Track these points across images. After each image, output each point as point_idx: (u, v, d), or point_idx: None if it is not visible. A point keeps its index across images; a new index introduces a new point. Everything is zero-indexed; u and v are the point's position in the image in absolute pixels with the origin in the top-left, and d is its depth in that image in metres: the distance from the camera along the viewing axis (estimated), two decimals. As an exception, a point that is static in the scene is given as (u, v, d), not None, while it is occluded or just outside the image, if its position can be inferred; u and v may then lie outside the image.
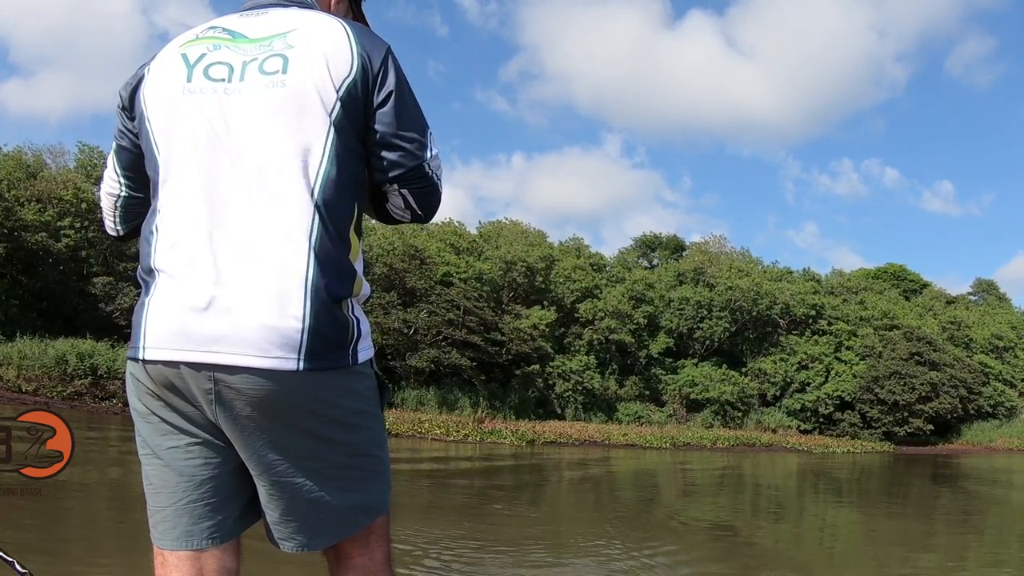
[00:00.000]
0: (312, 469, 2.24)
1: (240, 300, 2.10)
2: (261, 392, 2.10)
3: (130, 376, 2.30)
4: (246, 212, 2.16)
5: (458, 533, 11.23)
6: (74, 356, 30.13)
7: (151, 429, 2.30)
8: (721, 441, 45.96)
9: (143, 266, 2.27)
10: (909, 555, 12.86)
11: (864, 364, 55.72)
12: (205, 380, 2.11)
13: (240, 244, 2.14)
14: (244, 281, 2.11)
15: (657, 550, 11.41)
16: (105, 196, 2.59)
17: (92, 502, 11.23)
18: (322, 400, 2.19)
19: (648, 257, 76.66)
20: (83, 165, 45.72)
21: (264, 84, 2.24)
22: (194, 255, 2.15)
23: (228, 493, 2.33)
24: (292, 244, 2.13)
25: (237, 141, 2.21)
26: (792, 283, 62.21)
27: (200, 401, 2.16)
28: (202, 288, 2.11)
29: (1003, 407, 60.40)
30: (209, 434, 2.25)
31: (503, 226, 61.17)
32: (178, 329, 2.13)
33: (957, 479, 33.28)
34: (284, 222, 2.15)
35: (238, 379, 2.09)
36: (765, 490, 25.66)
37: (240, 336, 2.08)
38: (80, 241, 38.52)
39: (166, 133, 2.28)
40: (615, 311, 51.76)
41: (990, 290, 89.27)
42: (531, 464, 27.16)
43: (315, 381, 2.15)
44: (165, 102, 2.30)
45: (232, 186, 2.18)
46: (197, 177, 2.21)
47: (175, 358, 2.13)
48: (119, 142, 2.48)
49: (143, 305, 2.22)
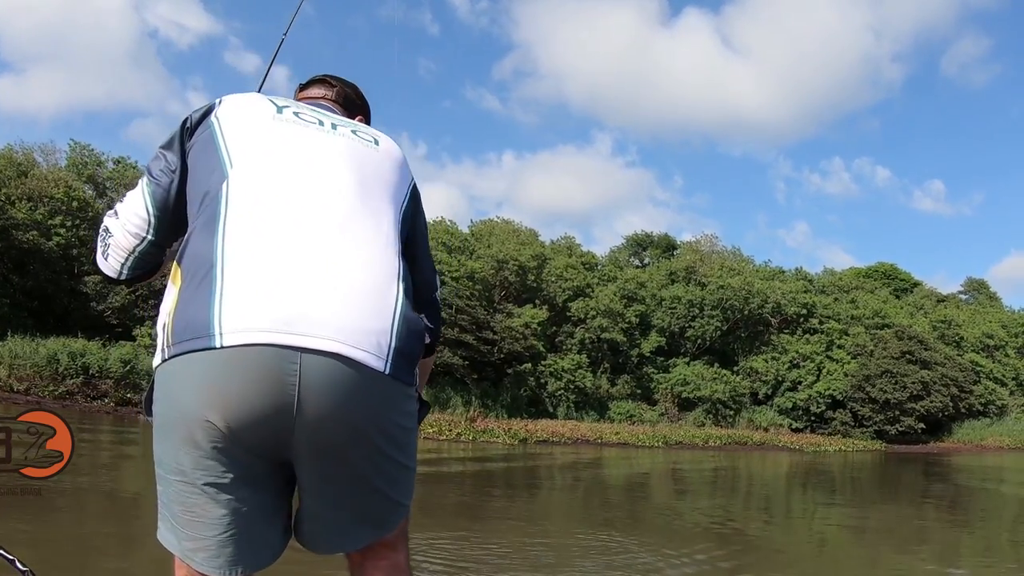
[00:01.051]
0: (365, 477, 2.28)
1: (337, 300, 2.16)
2: (348, 385, 2.12)
3: (181, 382, 2.14)
4: (345, 228, 2.30)
5: (455, 533, 11.21)
6: (65, 355, 30.02)
7: (194, 459, 2.17)
8: (713, 440, 46.03)
9: (200, 258, 2.20)
10: (900, 553, 12.87)
11: (855, 363, 55.91)
12: (290, 366, 2.06)
13: (338, 254, 2.23)
14: (342, 286, 2.18)
15: (655, 550, 11.40)
16: (123, 234, 2.51)
17: (84, 502, 11.19)
18: (393, 408, 2.26)
19: (639, 256, 76.95)
20: (74, 163, 45.77)
21: (359, 140, 2.57)
22: (284, 255, 2.18)
23: (270, 521, 2.33)
24: (389, 270, 2.30)
25: (334, 167, 2.42)
26: (783, 282, 62.42)
27: (276, 402, 2.08)
28: (296, 284, 2.15)
29: (994, 406, 60.63)
30: (262, 456, 2.21)
31: (495, 225, 61.28)
32: (266, 316, 2.10)
33: (948, 477, 33.33)
34: (383, 250, 2.33)
35: (329, 367, 2.09)
36: (758, 489, 25.68)
37: (336, 327, 2.12)
38: (71, 240, 38.56)
39: (245, 147, 2.38)
40: (607, 310, 51.88)
41: (981, 289, 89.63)
42: (524, 464, 27.14)
43: (392, 389, 2.23)
44: (249, 123, 2.45)
45: (327, 203, 2.32)
46: (284, 187, 2.32)
47: (263, 340, 2.07)
48: (158, 177, 2.47)
49: (209, 294, 2.12)
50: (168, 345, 2.15)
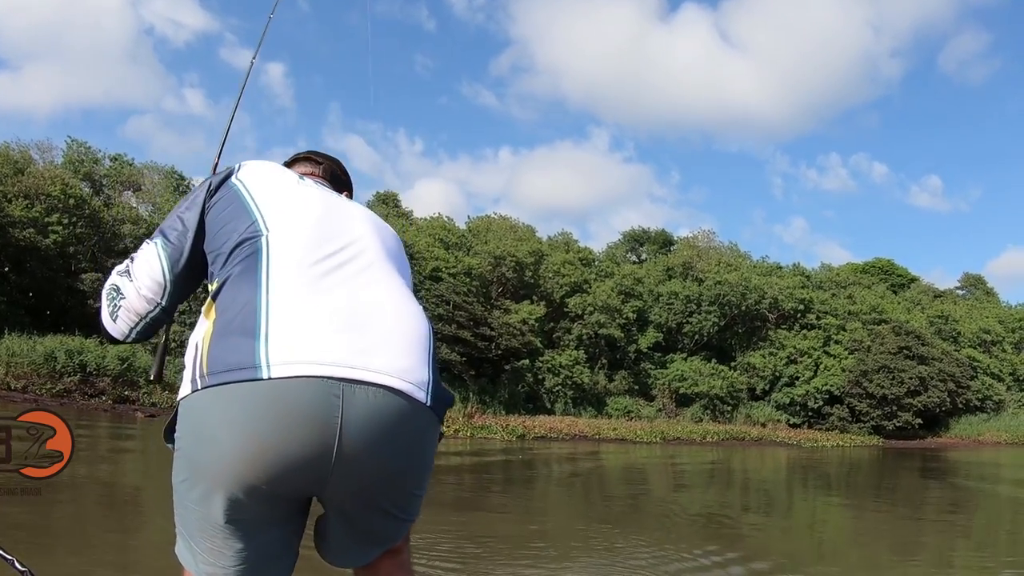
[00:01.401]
0: (386, 511, 2.35)
1: (384, 344, 2.24)
2: (391, 417, 2.17)
3: (217, 421, 2.11)
4: (384, 284, 2.43)
5: (455, 530, 11.21)
6: (63, 353, 29.96)
7: (221, 503, 2.15)
8: (711, 435, 46.10)
9: (242, 298, 2.23)
10: (897, 547, 12.89)
11: (852, 358, 55.91)
12: (334, 400, 2.09)
13: (382, 304, 2.35)
14: (388, 333, 2.28)
15: (654, 544, 11.40)
16: (138, 298, 2.52)
17: (82, 500, 11.19)
18: (429, 443, 2.36)
19: (636, 252, 76.95)
20: (71, 161, 45.76)
21: (367, 212, 2.73)
22: (329, 303, 2.25)
23: (287, 550, 2.37)
24: (425, 327, 2.42)
25: (363, 228, 2.56)
26: (781, 278, 62.38)
27: (316, 450, 2.09)
28: (343, 327, 2.21)
29: (991, 401, 60.65)
30: (291, 498, 2.25)
31: (492, 221, 61.27)
32: (315, 351, 2.13)
33: (945, 473, 33.36)
34: (417, 308, 2.45)
35: (374, 399, 2.13)
36: (755, 484, 25.69)
37: (384, 364, 2.19)
38: (68, 237, 38.48)
39: (277, 204, 2.48)
40: (604, 306, 51.83)
41: (977, 284, 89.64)
42: (523, 459, 27.13)
43: (430, 422, 2.32)
44: (276, 184, 2.58)
45: (364, 259, 2.45)
46: (321, 241, 2.40)
47: (314, 372, 2.09)
48: (174, 241, 2.51)
49: (254, 329, 2.15)
50: (202, 375, 2.14)
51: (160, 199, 46.88)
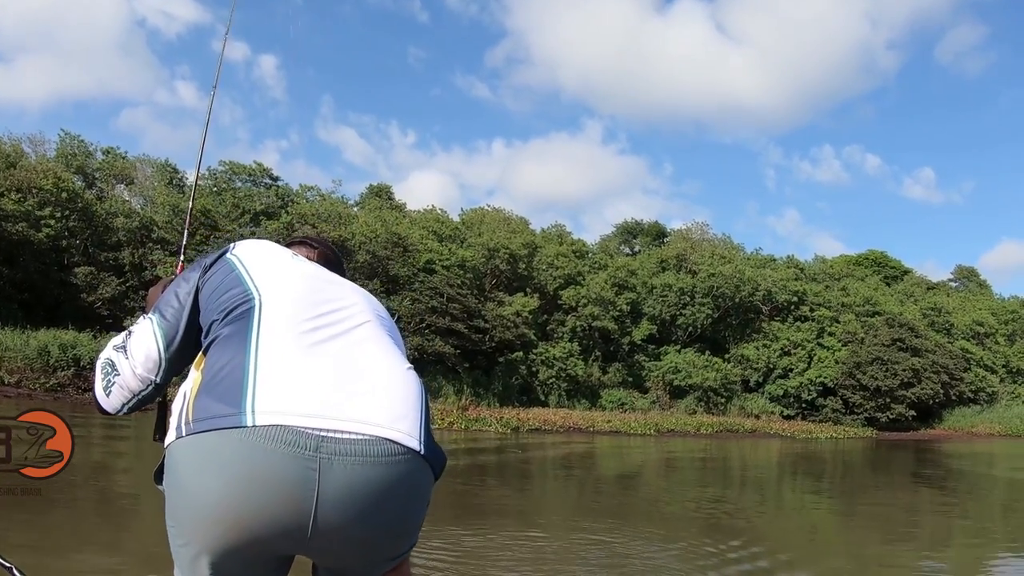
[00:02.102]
0: (388, 556, 2.32)
1: (373, 403, 2.20)
2: (382, 471, 2.13)
3: (196, 472, 2.12)
4: (375, 351, 2.39)
5: (454, 523, 11.20)
6: (56, 347, 29.96)
7: (205, 556, 2.15)
8: (704, 427, 46.21)
9: (230, 357, 2.24)
10: (887, 543, 12.91)
11: (846, 350, 56.01)
12: (312, 466, 2.06)
13: (372, 368, 2.32)
14: (377, 393, 2.24)
15: (649, 537, 11.41)
16: (132, 376, 2.53)
17: (75, 495, 11.17)
18: (424, 493, 2.29)
19: (630, 244, 76.93)
20: (64, 154, 45.64)
21: (358, 287, 2.72)
22: (318, 363, 2.25)
23: None
24: (417, 390, 2.35)
25: (355, 300, 2.56)
26: (774, 270, 62.50)
27: (302, 504, 2.06)
28: (331, 385, 2.20)
29: (984, 393, 60.89)
30: (275, 555, 2.23)
31: (485, 213, 61.15)
32: (301, 404, 2.13)
33: (939, 464, 33.43)
34: (409, 374, 2.39)
35: (355, 458, 2.09)
36: (750, 475, 25.72)
37: (371, 415, 2.16)
38: (60, 231, 38.39)
39: (271, 275, 2.51)
40: (598, 298, 51.83)
41: (971, 277, 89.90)
42: (518, 452, 27.14)
43: (424, 473, 2.26)
44: (270, 258, 2.62)
45: (355, 327, 2.44)
46: (313, 309, 2.41)
47: (299, 423, 2.08)
48: (169, 319, 2.53)
49: (241, 381, 2.16)
50: (186, 423, 2.15)
51: (153, 192, 46.76)
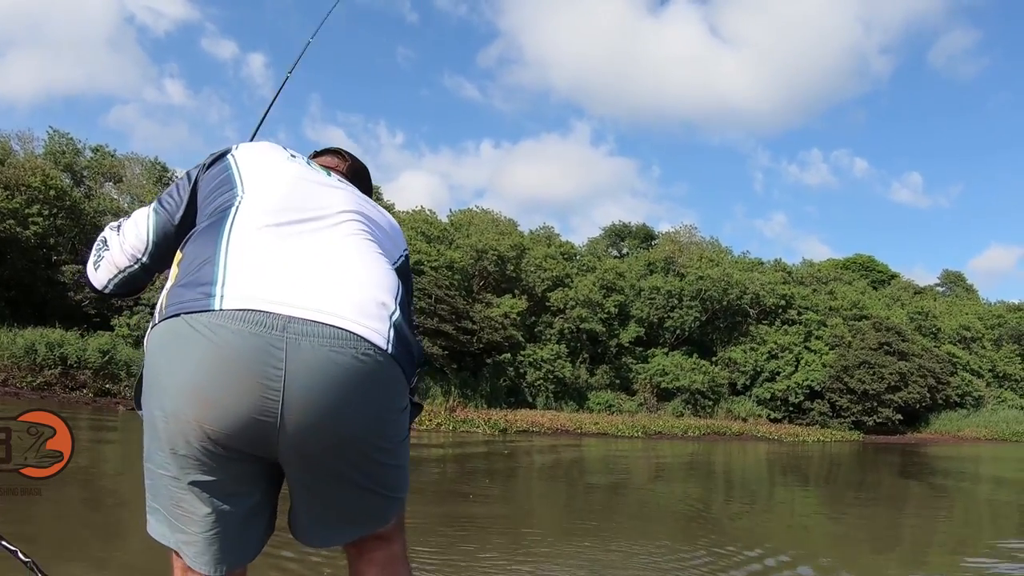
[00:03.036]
0: (353, 480, 2.27)
1: (339, 292, 2.20)
2: (345, 360, 2.10)
3: (168, 362, 2.13)
4: (348, 246, 2.39)
5: (444, 522, 11.18)
6: (43, 345, 29.84)
7: (180, 457, 2.16)
8: (692, 430, 46.19)
9: (203, 248, 2.28)
10: (875, 553, 12.92)
11: (833, 354, 56.08)
12: (277, 351, 2.05)
13: (341, 261, 2.32)
14: (344, 283, 2.24)
15: (637, 540, 11.40)
16: (120, 252, 2.61)
17: (62, 494, 11.11)
18: (394, 394, 2.25)
19: (618, 246, 76.95)
20: (52, 152, 45.46)
21: (362, 195, 2.75)
22: (286, 253, 2.27)
23: (256, 518, 2.34)
24: (385, 274, 2.39)
25: (339, 200, 2.55)
26: (762, 273, 62.58)
27: (258, 400, 2.05)
28: (296, 274, 2.21)
29: (971, 397, 61.09)
30: (249, 457, 2.19)
31: (474, 214, 61.12)
32: (267, 291, 2.14)
33: (925, 467, 33.55)
34: (384, 269, 2.42)
35: (321, 347, 2.08)
36: (737, 479, 25.75)
37: (336, 308, 2.14)
38: (48, 229, 38.16)
39: (258, 174, 2.53)
40: (586, 300, 51.86)
41: (957, 282, 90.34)
42: (506, 454, 27.14)
43: (392, 373, 2.21)
44: (263, 158, 2.63)
45: (331, 224, 2.43)
46: (290, 205, 2.43)
47: (262, 307, 2.09)
48: (167, 207, 2.62)
49: (212, 272, 2.18)
50: (160, 311, 2.19)
51: (141, 190, 46.65)
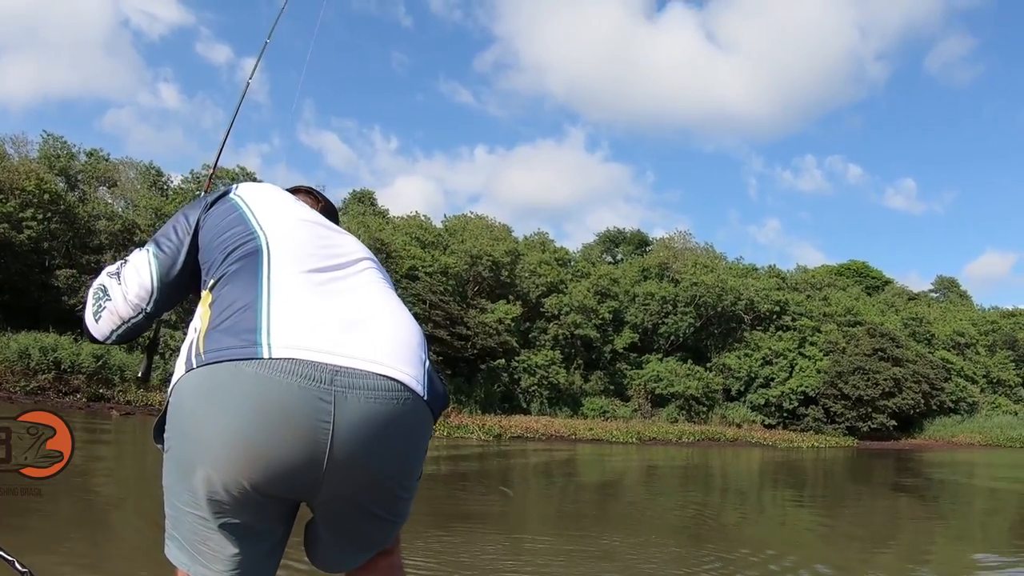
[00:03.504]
0: (375, 515, 2.30)
1: (379, 342, 2.21)
2: (388, 408, 2.12)
3: (207, 407, 2.07)
4: (379, 293, 2.43)
5: (438, 529, 11.15)
6: (37, 350, 29.81)
7: (213, 503, 2.11)
8: (686, 436, 46.28)
9: (241, 293, 2.23)
10: (869, 546, 12.92)
11: (827, 360, 56.14)
12: (326, 405, 2.04)
13: (378, 310, 2.35)
14: (382, 329, 2.28)
15: (633, 545, 11.38)
16: (124, 302, 2.52)
17: (55, 497, 11.07)
18: (424, 436, 2.32)
19: (612, 252, 77.06)
20: (46, 156, 45.31)
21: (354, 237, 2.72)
22: (328, 304, 2.26)
23: (276, 552, 2.33)
24: (415, 326, 2.44)
25: (354, 245, 2.58)
26: (756, 279, 62.66)
27: (319, 435, 2.04)
28: (340, 324, 2.20)
29: (964, 403, 61.10)
30: (283, 500, 2.20)
31: (468, 220, 61.22)
32: (314, 339, 2.12)
33: (919, 473, 33.53)
34: (406, 311, 2.47)
35: (366, 393, 2.09)
36: (732, 484, 25.74)
37: (379, 355, 2.17)
38: (42, 233, 38.04)
39: (276, 216, 2.50)
40: (580, 306, 51.91)
41: (951, 287, 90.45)
42: (501, 459, 27.11)
43: (425, 418, 2.28)
44: (273, 199, 2.61)
45: (359, 271, 2.46)
46: (318, 251, 2.43)
47: (311, 357, 2.07)
48: (166, 250, 2.51)
49: (255, 317, 2.14)
50: (197, 354, 2.12)
51: (135, 195, 46.61)
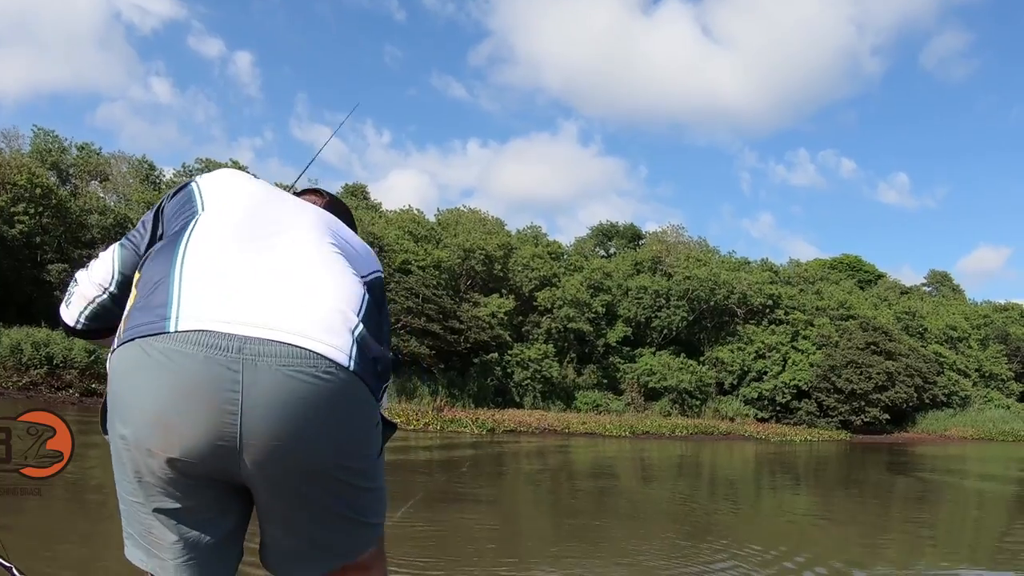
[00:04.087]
0: (325, 506, 2.17)
1: (297, 306, 2.09)
2: (308, 380, 1.98)
3: (127, 387, 2.05)
4: (310, 262, 2.28)
5: (429, 524, 11.13)
6: (29, 345, 29.74)
7: (145, 486, 2.09)
8: (679, 430, 46.18)
9: (158, 269, 2.20)
10: (865, 538, 12.91)
11: (821, 353, 56.18)
12: (234, 374, 1.95)
13: (301, 276, 2.20)
14: (303, 297, 2.13)
15: (627, 538, 11.36)
16: (88, 283, 2.55)
17: (48, 496, 11.02)
18: (358, 412, 2.12)
19: (605, 246, 76.95)
20: (38, 150, 45.16)
21: (327, 215, 2.63)
22: (243, 270, 2.17)
23: (231, 546, 2.26)
24: (350, 286, 2.26)
25: (305, 219, 2.47)
26: (749, 273, 62.65)
27: (227, 406, 1.95)
28: (253, 290, 2.11)
29: (957, 396, 61.37)
30: (214, 483, 2.11)
31: (461, 214, 61.16)
32: (225, 309, 2.05)
33: (912, 467, 33.60)
34: (351, 281, 2.30)
35: (279, 371, 1.97)
36: (724, 478, 25.75)
37: (297, 325, 2.04)
38: (34, 227, 37.92)
39: (218, 195, 2.47)
40: (573, 300, 51.87)
41: (944, 282, 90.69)
42: (495, 453, 27.11)
43: (356, 391, 2.08)
44: (226, 180, 2.57)
45: (282, 233, 2.34)
46: (237, 217, 2.36)
47: (220, 328, 2.00)
48: (132, 241, 2.55)
49: (167, 293, 2.10)
50: (119, 334, 2.13)
51: (128, 189, 46.52)
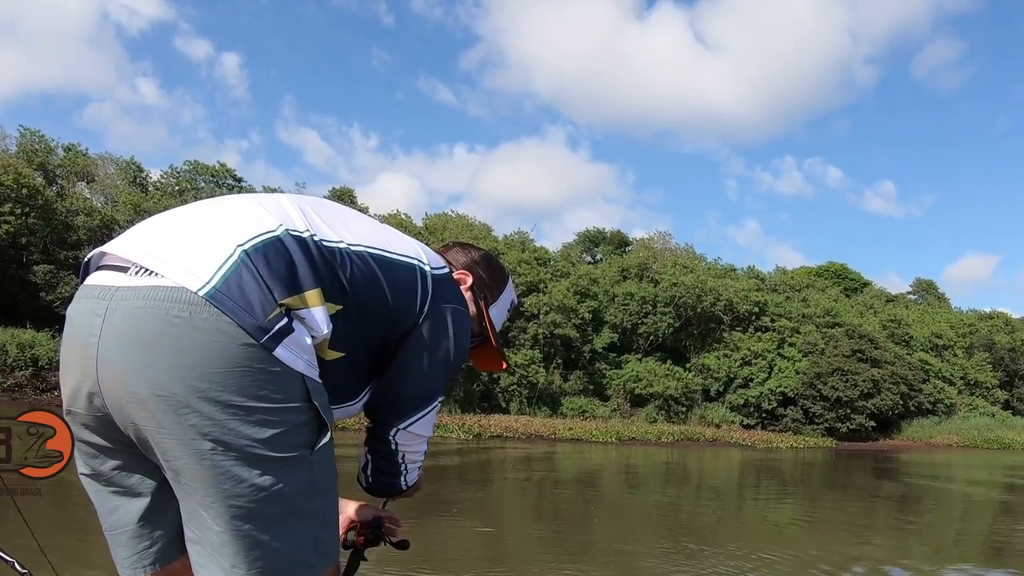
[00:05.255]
0: (180, 447, 1.71)
1: (176, 244, 1.79)
2: (148, 301, 1.70)
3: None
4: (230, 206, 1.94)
5: (425, 530, 11.05)
6: (14, 346, 29.68)
7: (78, 453, 2.00)
8: (665, 436, 46.23)
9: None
10: (849, 544, 12.90)
11: (807, 361, 56.27)
12: (109, 305, 1.73)
13: (206, 219, 1.88)
14: (189, 234, 1.82)
15: (616, 544, 11.33)
16: None
17: (45, 495, 10.92)
18: (198, 339, 1.68)
19: (592, 252, 76.99)
20: (24, 150, 44.96)
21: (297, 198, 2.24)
22: (160, 226, 1.89)
23: (156, 512, 2.00)
24: (237, 226, 1.83)
25: (254, 197, 2.07)
26: (735, 280, 62.76)
27: (89, 350, 1.73)
28: (151, 241, 1.83)
29: (942, 404, 61.50)
30: (110, 433, 1.86)
31: (448, 218, 61.07)
32: (119, 242, 1.87)
33: (897, 474, 33.66)
34: (255, 209, 1.91)
35: (142, 291, 1.71)
36: (709, 484, 25.74)
37: (162, 263, 1.74)
38: (20, 228, 37.82)
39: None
40: (560, 305, 51.75)
41: (929, 290, 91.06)
42: (482, 459, 27.05)
43: (200, 312, 1.68)
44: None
45: (242, 199, 2.00)
46: (181, 212, 1.98)
47: (104, 281, 1.79)
48: None
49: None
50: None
51: (115, 190, 46.38)
